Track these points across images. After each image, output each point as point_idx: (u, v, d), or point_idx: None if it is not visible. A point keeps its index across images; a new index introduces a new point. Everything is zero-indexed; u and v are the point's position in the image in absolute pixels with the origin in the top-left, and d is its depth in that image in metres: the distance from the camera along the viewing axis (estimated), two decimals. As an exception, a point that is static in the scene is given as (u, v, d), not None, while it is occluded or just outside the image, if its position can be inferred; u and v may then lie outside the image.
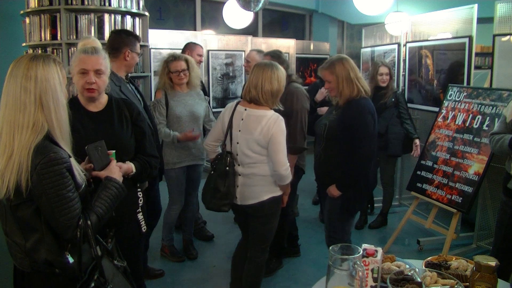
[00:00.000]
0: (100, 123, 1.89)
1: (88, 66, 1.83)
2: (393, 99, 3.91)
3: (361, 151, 2.45)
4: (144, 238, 2.34)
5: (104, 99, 1.98)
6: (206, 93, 3.93)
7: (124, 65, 2.67)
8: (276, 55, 3.09)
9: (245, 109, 2.35)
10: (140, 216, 1.96)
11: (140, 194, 2.03)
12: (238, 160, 2.36)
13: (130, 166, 1.89)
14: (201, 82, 3.85)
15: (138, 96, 2.81)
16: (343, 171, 2.49)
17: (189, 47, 3.85)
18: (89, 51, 1.87)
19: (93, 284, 1.48)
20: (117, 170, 1.71)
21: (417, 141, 3.87)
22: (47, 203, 1.37)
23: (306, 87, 3.75)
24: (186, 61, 3.14)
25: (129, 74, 2.84)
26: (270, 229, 2.48)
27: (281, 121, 2.30)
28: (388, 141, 3.88)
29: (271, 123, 2.26)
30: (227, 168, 2.36)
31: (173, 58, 3.11)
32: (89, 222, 1.45)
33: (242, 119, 2.34)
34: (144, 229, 1.99)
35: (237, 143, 2.35)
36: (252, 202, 2.38)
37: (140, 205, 1.99)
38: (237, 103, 2.43)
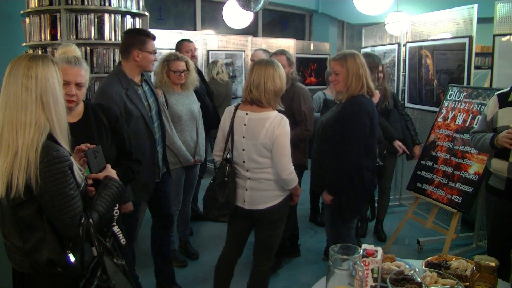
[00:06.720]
0: (78, 135, 1.72)
1: (70, 78, 1.79)
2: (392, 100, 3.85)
3: (349, 151, 2.33)
4: (128, 249, 2.25)
5: (80, 107, 1.92)
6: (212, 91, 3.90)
7: (137, 65, 2.51)
8: (289, 54, 3.16)
9: (246, 113, 2.23)
10: (116, 229, 1.86)
11: (115, 206, 1.89)
12: (246, 167, 2.25)
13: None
14: (203, 81, 3.82)
15: (152, 98, 2.65)
16: (333, 174, 2.41)
17: (183, 46, 3.75)
18: (72, 61, 1.82)
19: (96, 282, 1.48)
20: (114, 172, 1.71)
21: (417, 149, 3.74)
22: (49, 201, 1.38)
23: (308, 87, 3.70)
24: (186, 62, 3.14)
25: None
26: (278, 235, 2.39)
27: (285, 122, 2.19)
28: (407, 146, 3.66)
29: (276, 125, 2.15)
30: (226, 178, 2.27)
31: (175, 57, 3.09)
32: (91, 221, 1.46)
33: (245, 125, 2.22)
34: (123, 241, 1.90)
35: (243, 150, 2.23)
36: (262, 207, 2.27)
37: (115, 217, 1.87)
38: (236, 108, 2.30)
